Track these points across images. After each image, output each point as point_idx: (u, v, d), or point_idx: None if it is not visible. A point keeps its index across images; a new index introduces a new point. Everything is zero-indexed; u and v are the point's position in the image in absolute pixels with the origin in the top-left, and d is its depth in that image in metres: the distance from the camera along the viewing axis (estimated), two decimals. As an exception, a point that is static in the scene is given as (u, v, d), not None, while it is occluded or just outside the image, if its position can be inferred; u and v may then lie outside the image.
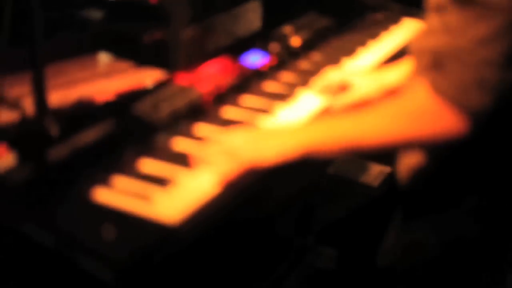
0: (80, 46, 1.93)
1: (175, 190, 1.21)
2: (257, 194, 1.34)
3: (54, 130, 1.35)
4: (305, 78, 1.77)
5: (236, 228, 1.35)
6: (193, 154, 1.32)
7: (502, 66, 1.10)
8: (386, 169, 3.34)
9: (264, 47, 1.87)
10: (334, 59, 1.91)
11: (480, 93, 1.10)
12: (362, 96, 1.62)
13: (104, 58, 1.96)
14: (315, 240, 2.70)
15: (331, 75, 1.70)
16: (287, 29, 2.02)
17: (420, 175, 1.35)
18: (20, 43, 1.36)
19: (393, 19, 2.30)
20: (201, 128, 1.47)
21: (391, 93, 1.61)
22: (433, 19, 1.20)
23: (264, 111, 1.56)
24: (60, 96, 1.63)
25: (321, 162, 1.52)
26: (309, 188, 2.51)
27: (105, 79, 1.79)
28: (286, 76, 1.81)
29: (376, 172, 3.37)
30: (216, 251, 1.28)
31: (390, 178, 3.08)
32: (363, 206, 3.08)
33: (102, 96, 1.68)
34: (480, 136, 1.16)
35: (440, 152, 1.30)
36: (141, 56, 1.90)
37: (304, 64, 1.91)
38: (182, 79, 1.58)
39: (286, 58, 1.87)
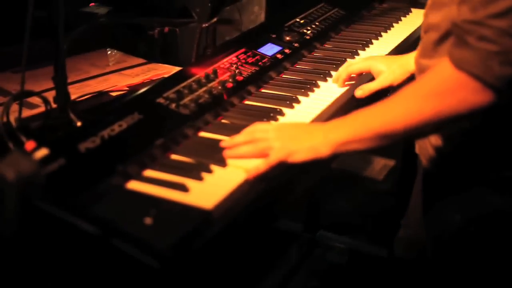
0: (91, 41, 1.93)
1: (207, 178, 1.21)
2: (281, 184, 1.34)
3: (79, 122, 1.35)
4: (323, 69, 1.76)
5: (252, 219, 1.34)
6: (221, 144, 1.31)
7: None
8: (390, 162, 3.35)
9: (279, 38, 1.86)
10: (350, 50, 1.90)
11: (502, 64, 1.09)
12: (390, 83, 1.62)
13: (116, 53, 1.95)
14: (325, 234, 2.70)
15: (351, 64, 1.69)
16: (300, 20, 2.01)
17: (440, 155, 1.34)
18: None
19: (404, 11, 2.30)
20: (225, 118, 1.47)
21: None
22: None
23: (285, 101, 1.56)
24: (75, 90, 1.63)
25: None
26: (315, 183, 2.51)
27: (120, 74, 1.79)
28: (303, 66, 1.80)
29: (380, 165, 3.37)
30: (233, 240, 1.28)
31: (398, 171, 3.09)
32: (369, 199, 3.10)
33: (118, 90, 1.68)
34: (502, 107, 1.15)
35: (460, 128, 1.29)
36: (157, 51, 1.90)
37: (320, 55, 1.90)
38: (200, 71, 1.58)
39: (302, 49, 1.86)
